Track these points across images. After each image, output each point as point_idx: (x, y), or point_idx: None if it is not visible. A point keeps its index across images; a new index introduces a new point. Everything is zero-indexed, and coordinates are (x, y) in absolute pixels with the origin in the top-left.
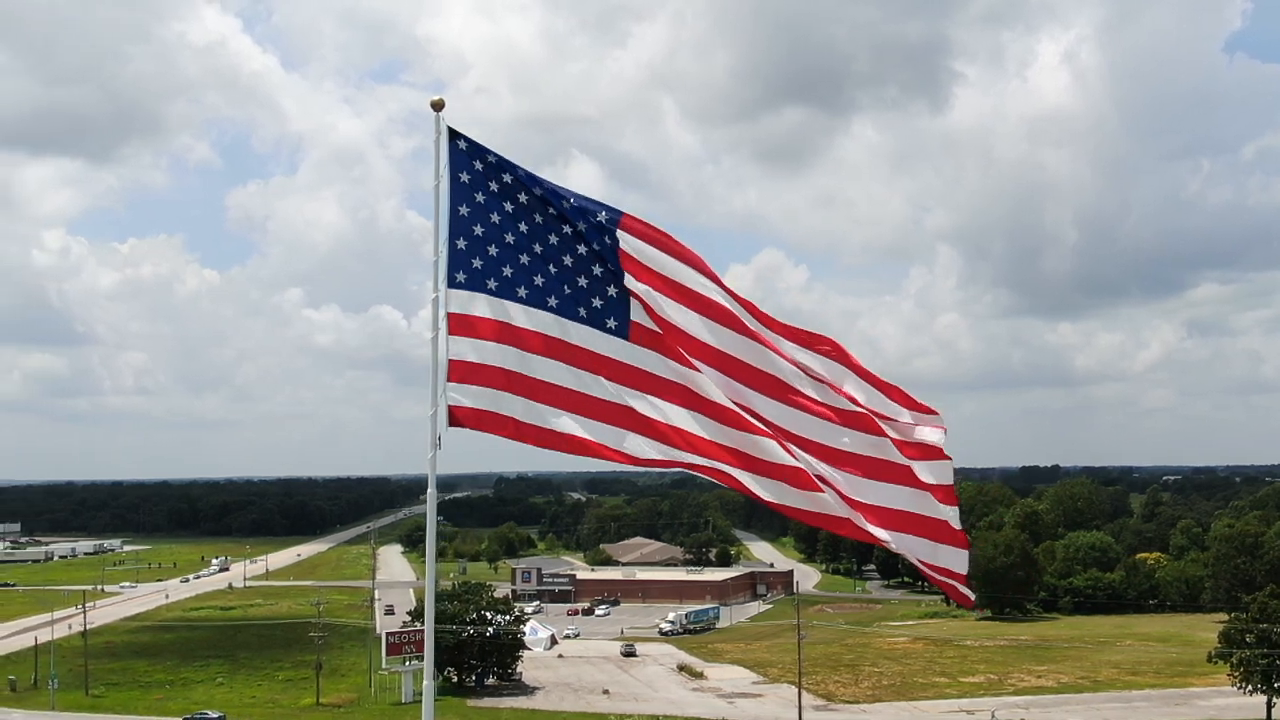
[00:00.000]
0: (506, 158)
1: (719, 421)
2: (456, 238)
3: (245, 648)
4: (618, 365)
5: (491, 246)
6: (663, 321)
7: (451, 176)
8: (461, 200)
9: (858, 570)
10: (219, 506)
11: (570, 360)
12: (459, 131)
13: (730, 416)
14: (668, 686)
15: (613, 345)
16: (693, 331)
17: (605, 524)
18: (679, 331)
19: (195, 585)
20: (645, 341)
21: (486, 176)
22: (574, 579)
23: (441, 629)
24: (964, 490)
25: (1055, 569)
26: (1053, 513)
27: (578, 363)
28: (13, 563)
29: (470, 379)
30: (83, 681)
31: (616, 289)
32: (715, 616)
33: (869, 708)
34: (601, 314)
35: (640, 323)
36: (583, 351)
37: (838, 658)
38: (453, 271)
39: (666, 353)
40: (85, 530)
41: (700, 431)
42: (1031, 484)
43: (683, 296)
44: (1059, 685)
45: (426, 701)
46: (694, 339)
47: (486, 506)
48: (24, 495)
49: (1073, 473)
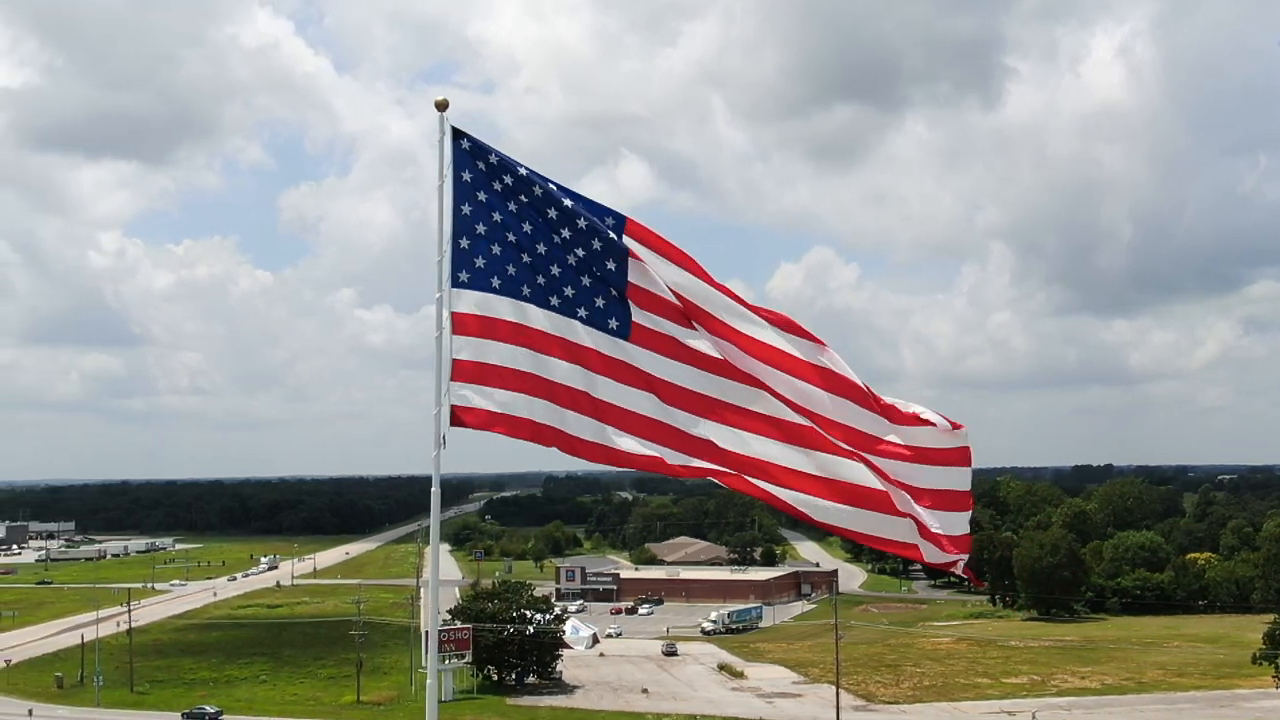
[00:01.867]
0: (510, 156)
1: (721, 423)
2: (459, 237)
3: (290, 645)
4: (620, 365)
5: (494, 245)
6: (666, 323)
7: (454, 176)
8: (464, 199)
9: (904, 570)
10: (270, 505)
11: (574, 359)
12: (462, 131)
13: (733, 419)
14: (707, 686)
15: (615, 346)
16: (697, 334)
17: (651, 523)
18: (683, 333)
19: (243, 584)
20: (647, 343)
21: (489, 175)
22: (618, 578)
23: (481, 628)
24: (1011, 490)
25: (1103, 569)
26: (1102, 512)
27: (581, 362)
28: (66, 561)
29: (473, 378)
30: (128, 679)
31: (617, 291)
32: (758, 616)
33: (908, 708)
34: (603, 314)
35: (642, 324)
36: (586, 350)
37: (880, 658)
38: (456, 271)
39: (669, 355)
40: (138, 529)
41: (702, 434)
42: (1084, 484)
43: (686, 301)
44: (1103, 687)
45: (430, 701)
46: (698, 340)
47: (534, 506)
48: (80, 494)
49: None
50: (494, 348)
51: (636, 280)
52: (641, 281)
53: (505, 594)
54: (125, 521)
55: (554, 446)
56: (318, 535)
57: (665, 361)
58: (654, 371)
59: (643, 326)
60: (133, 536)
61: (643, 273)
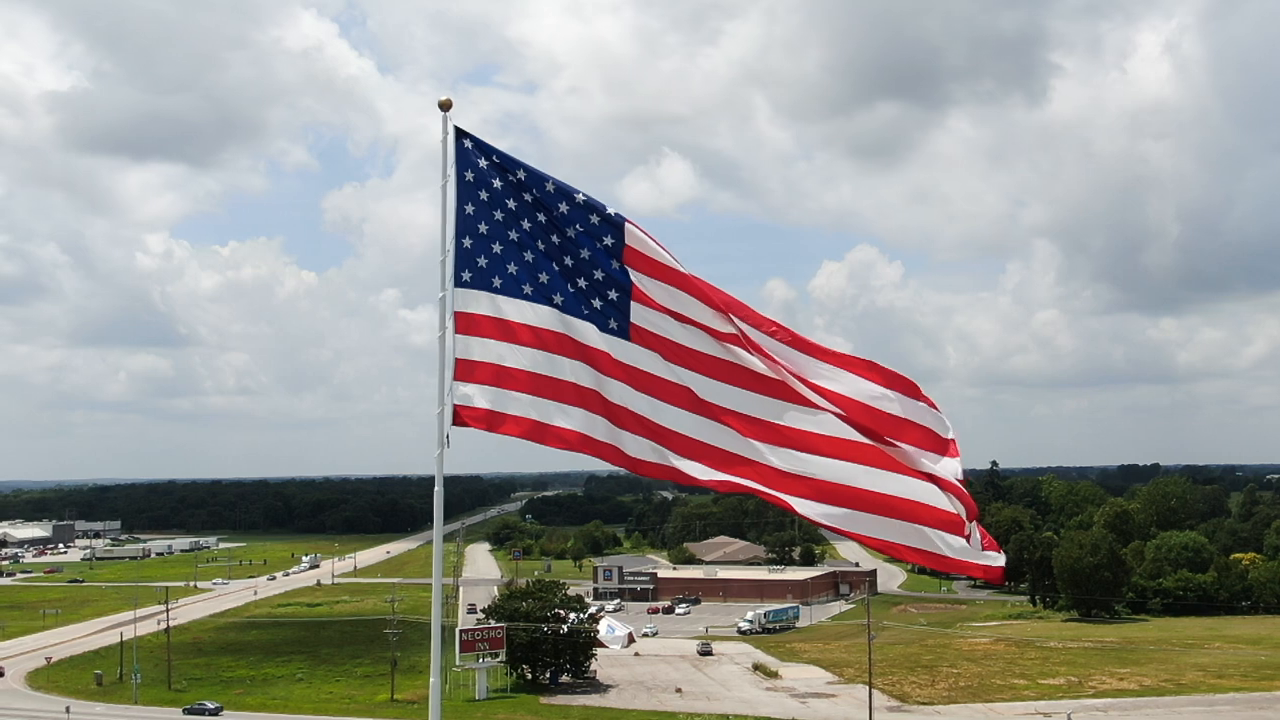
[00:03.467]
0: (513, 156)
1: (719, 423)
2: (462, 236)
3: (327, 644)
4: (620, 365)
5: (496, 244)
6: (665, 324)
7: (457, 175)
8: (466, 199)
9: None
10: (313, 505)
11: (575, 357)
12: (465, 131)
13: (733, 421)
14: (741, 686)
15: (614, 345)
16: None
17: (691, 523)
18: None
19: (284, 583)
20: (646, 343)
21: (490, 175)
22: (655, 577)
23: (515, 627)
24: (1053, 489)
25: (1145, 570)
26: (1144, 512)
27: (583, 360)
28: (110, 559)
29: (476, 377)
30: (167, 677)
31: (617, 292)
32: (795, 616)
33: (943, 709)
34: (603, 314)
35: (640, 325)
36: (587, 349)
37: (916, 658)
38: (459, 270)
39: (668, 355)
40: (183, 528)
41: (700, 436)
42: (1130, 483)
43: (685, 303)
44: (1141, 688)
45: (433, 701)
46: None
47: (575, 505)
48: (127, 494)
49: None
50: (496, 347)
51: (636, 281)
52: (640, 283)
53: (539, 593)
54: (170, 521)
55: (556, 445)
56: (360, 534)
57: (664, 363)
58: (653, 372)
59: (641, 327)
60: (177, 535)
61: (642, 274)
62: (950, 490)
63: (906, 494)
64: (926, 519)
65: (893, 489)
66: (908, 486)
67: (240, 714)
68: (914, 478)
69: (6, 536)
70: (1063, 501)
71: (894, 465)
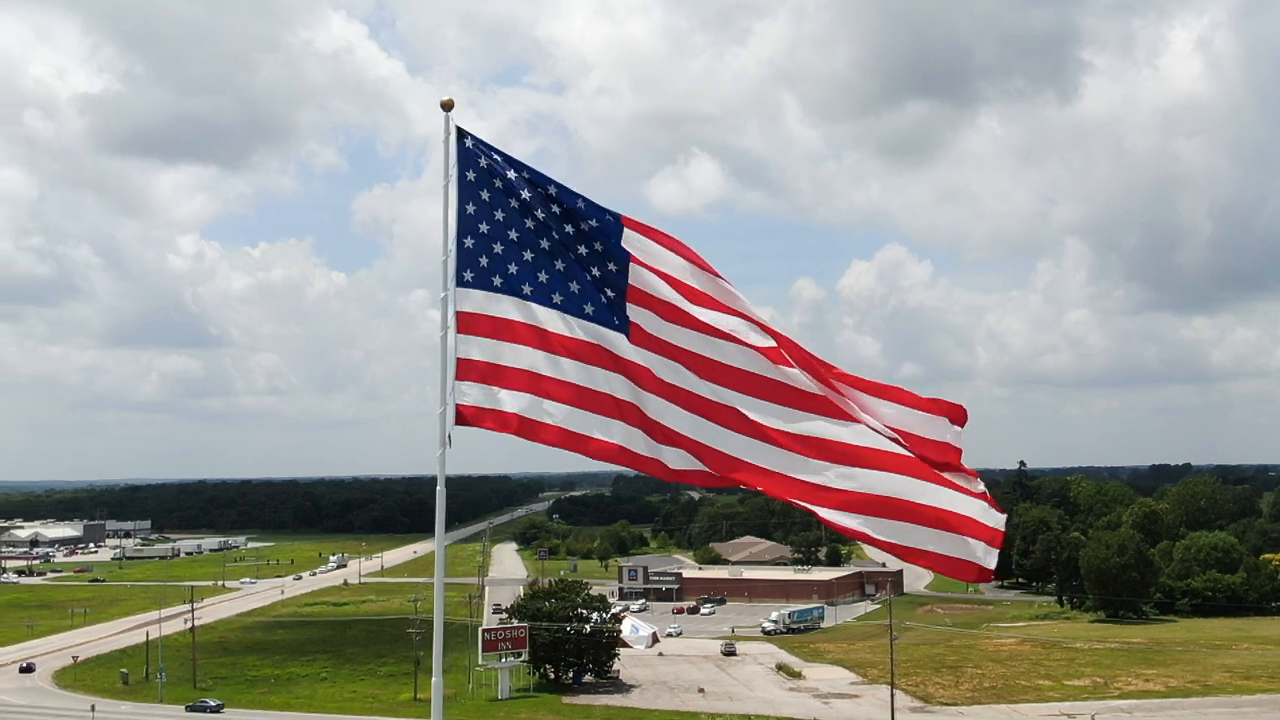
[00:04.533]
0: (513, 155)
1: (718, 424)
2: (464, 236)
3: (353, 643)
4: (622, 363)
5: (497, 244)
6: (664, 323)
7: (459, 175)
8: (468, 199)
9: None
10: (341, 505)
11: (576, 356)
12: (466, 131)
13: (733, 420)
14: (764, 686)
15: (617, 344)
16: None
17: (717, 523)
18: (682, 332)
19: (311, 582)
20: (645, 343)
21: (491, 174)
22: (680, 577)
23: (538, 627)
24: (1082, 490)
25: (1173, 570)
26: (1174, 512)
27: (584, 359)
28: (140, 559)
29: (478, 377)
30: (192, 676)
31: (615, 291)
32: (820, 616)
33: (966, 710)
34: (603, 313)
35: (639, 324)
36: (588, 348)
37: (941, 659)
38: (460, 270)
39: (667, 354)
40: (212, 528)
41: (697, 436)
42: (1161, 483)
43: (688, 298)
44: (1167, 689)
45: (435, 699)
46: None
47: (602, 505)
48: (158, 494)
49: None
50: (497, 346)
51: (635, 282)
52: (640, 283)
53: (562, 593)
54: (200, 520)
55: (557, 445)
56: (388, 534)
57: (663, 362)
58: (654, 370)
59: (641, 327)
60: (206, 535)
61: (642, 274)
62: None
63: (951, 507)
64: (973, 531)
65: (938, 501)
66: (951, 499)
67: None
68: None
69: (38, 536)
70: (1091, 502)
71: (934, 477)
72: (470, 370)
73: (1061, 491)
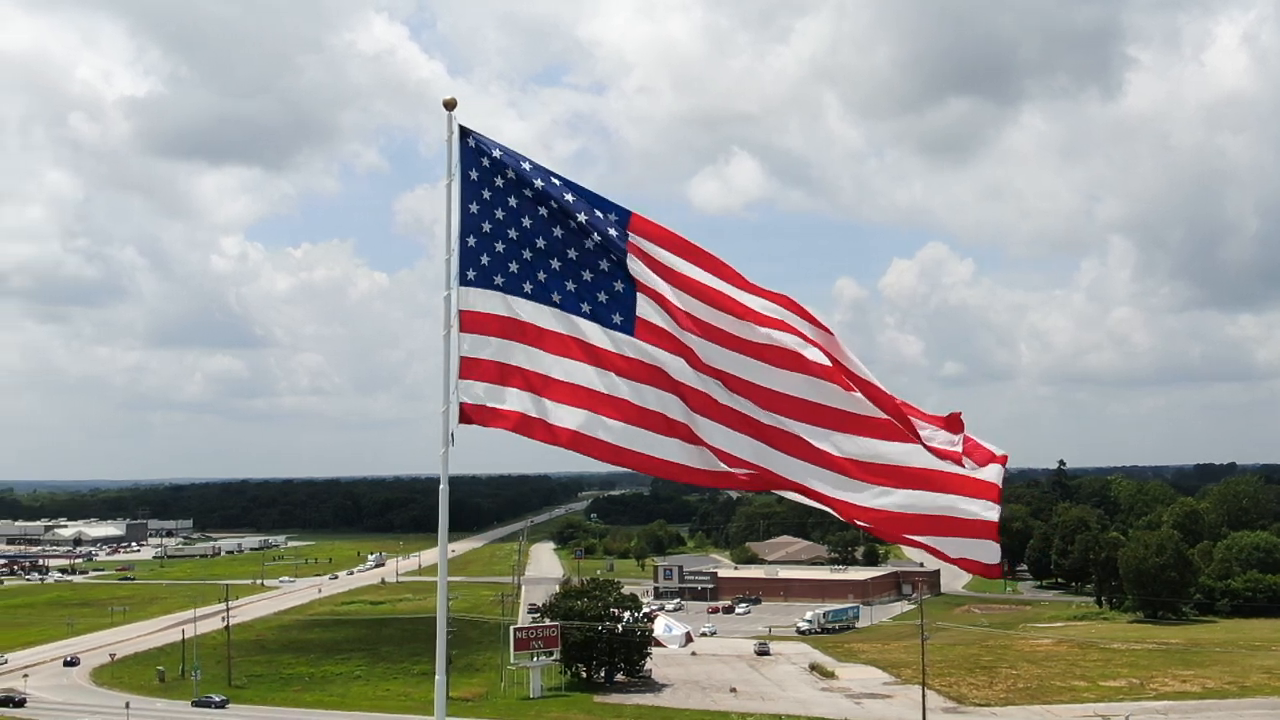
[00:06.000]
0: (516, 152)
1: (723, 423)
2: (467, 235)
3: (388, 642)
4: (623, 360)
5: (499, 243)
6: (671, 318)
7: (462, 174)
8: (471, 198)
9: (1010, 571)
10: (381, 504)
11: (576, 355)
12: (469, 129)
13: (735, 418)
14: (796, 686)
15: (618, 341)
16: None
17: (755, 522)
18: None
19: (348, 581)
20: (651, 338)
21: (494, 172)
22: (715, 577)
23: (569, 626)
24: (1122, 489)
25: (1213, 570)
26: (1215, 512)
27: (584, 358)
28: (181, 558)
29: (481, 375)
30: (227, 674)
31: (622, 285)
32: (855, 616)
33: (999, 711)
34: (606, 309)
35: (646, 319)
36: (589, 346)
37: (976, 659)
38: (463, 269)
39: (673, 350)
40: (254, 526)
41: (695, 428)
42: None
43: (694, 297)
44: (1204, 690)
45: (438, 698)
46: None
47: (640, 504)
48: (201, 493)
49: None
50: (499, 345)
51: (639, 276)
52: (643, 278)
53: (594, 592)
54: (242, 519)
55: (560, 444)
56: (428, 533)
57: (669, 357)
58: (661, 368)
59: (646, 322)
60: (248, 534)
61: (644, 269)
62: None
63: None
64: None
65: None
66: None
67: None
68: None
69: (81, 535)
70: (1132, 501)
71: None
72: (473, 369)
73: (1102, 491)
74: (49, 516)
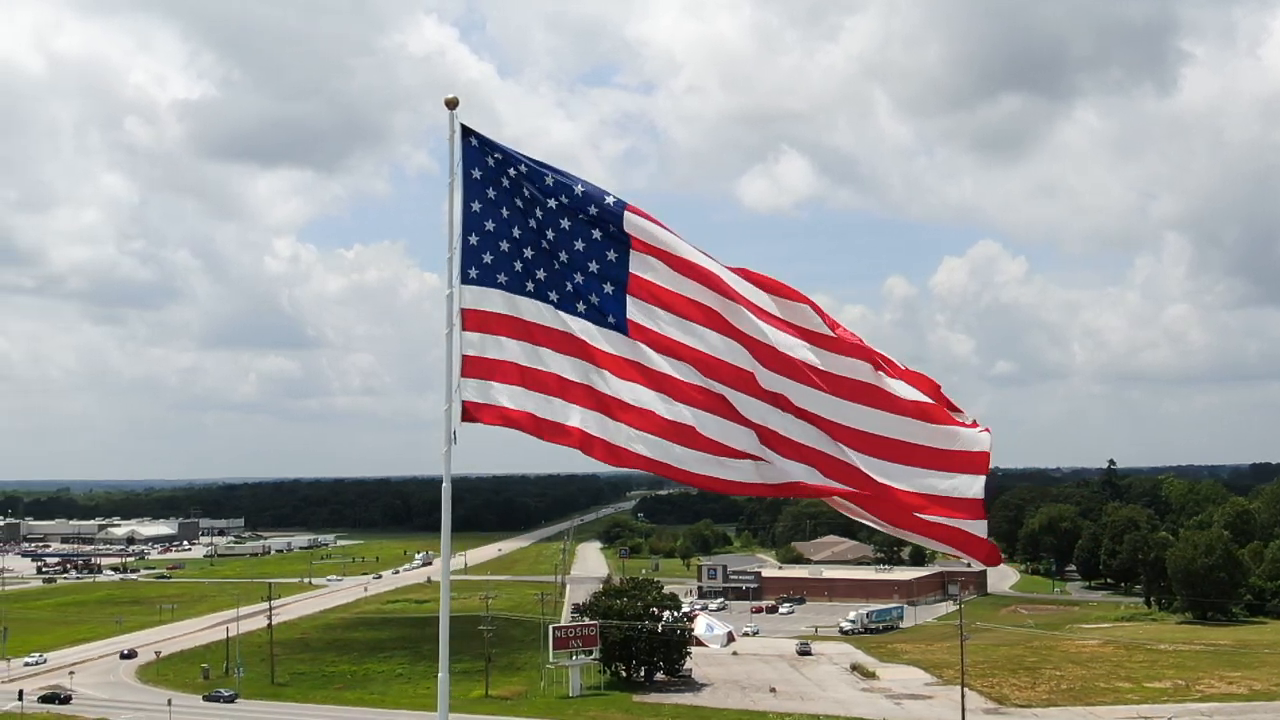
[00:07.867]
0: (518, 151)
1: (721, 417)
2: (469, 234)
3: (430, 640)
4: (618, 360)
5: (501, 242)
6: (665, 316)
7: (465, 173)
8: (474, 197)
9: (1057, 570)
10: (430, 503)
11: (575, 354)
12: (472, 129)
13: (732, 414)
14: (837, 686)
15: (613, 340)
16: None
17: (801, 521)
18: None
19: (393, 580)
20: (644, 338)
21: (496, 172)
22: (759, 576)
23: (609, 625)
24: (1174, 489)
25: (1264, 570)
26: (1267, 512)
27: (582, 357)
28: (231, 556)
29: (483, 374)
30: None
31: (616, 284)
32: (899, 616)
33: (1041, 712)
34: (600, 309)
35: (638, 320)
36: (586, 346)
37: (1020, 660)
38: (466, 268)
39: (666, 350)
40: (304, 525)
41: (696, 425)
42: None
43: (690, 290)
44: (1250, 692)
45: (441, 697)
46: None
47: (687, 503)
48: (253, 492)
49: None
50: (501, 343)
51: (637, 271)
52: (642, 272)
53: (633, 591)
54: (292, 519)
55: (560, 442)
56: (476, 532)
57: (665, 358)
58: (653, 367)
59: (638, 323)
60: (298, 533)
61: (643, 263)
62: None
63: None
64: None
65: None
66: None
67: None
68: None
69: (134, 534)
70: (1183, 501)
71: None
72: (475, 367)
73: (1153, 491)
74: (103, 516)
